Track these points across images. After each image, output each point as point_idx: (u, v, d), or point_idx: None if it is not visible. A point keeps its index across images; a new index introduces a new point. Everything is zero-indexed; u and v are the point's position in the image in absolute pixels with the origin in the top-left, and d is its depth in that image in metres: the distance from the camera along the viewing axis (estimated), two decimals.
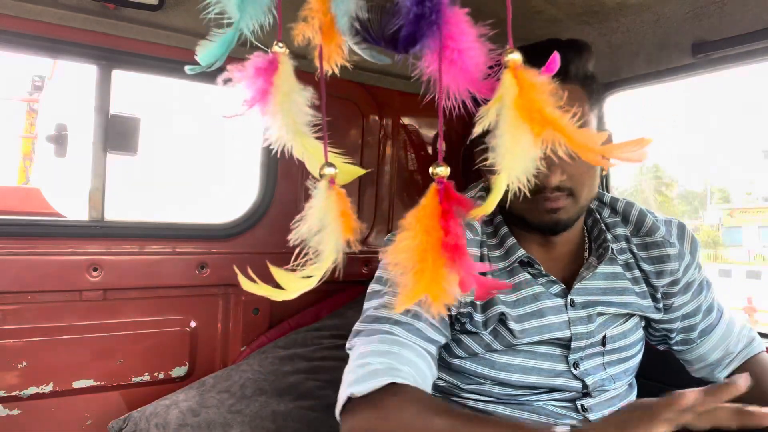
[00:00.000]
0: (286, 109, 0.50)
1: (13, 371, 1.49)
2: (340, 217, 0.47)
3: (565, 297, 1.06)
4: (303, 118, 0.51)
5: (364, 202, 2.06)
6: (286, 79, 0.50)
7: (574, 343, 1.05)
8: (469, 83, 0.42)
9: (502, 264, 1.06)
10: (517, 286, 1.06)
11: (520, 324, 1.03)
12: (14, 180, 7.00)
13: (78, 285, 1.55)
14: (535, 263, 1.06)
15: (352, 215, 0.48)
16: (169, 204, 4.24)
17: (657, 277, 1.11)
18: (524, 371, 1.04)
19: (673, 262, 1.11)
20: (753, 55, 1.34)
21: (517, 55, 0.41)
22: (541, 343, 1.05)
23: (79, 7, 1.45)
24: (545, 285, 1.07)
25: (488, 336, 1.03)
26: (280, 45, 0.51)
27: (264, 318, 1.84)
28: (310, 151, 0.53)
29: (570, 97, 0.95)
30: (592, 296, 1.08)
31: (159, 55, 1.61)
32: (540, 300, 1.05)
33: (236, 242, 1.78)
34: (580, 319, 1.06)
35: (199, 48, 0.54)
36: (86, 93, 1.71)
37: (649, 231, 1.13)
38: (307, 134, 0.52)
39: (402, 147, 2.15)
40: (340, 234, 0.47)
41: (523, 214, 1.02)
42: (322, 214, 0.47)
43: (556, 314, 1.05)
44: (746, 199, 37.59)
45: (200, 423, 1.45)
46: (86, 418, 1.59)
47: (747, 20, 1.28)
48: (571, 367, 1.06)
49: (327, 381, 1.61)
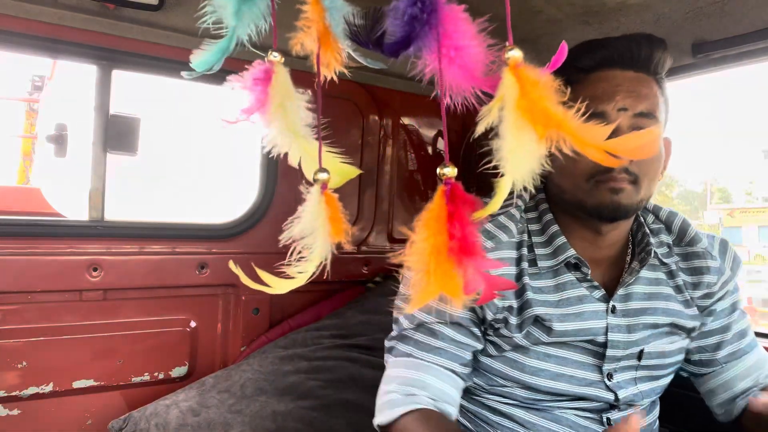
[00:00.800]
0: (281, 116, 0.52)
1: (13, 371, 1.49)
2: (330, 221, 0.50)
3: (606, 302, 1.04)
4: (301, 122, 0.54)
5: (364, 202, 2.06)
6: (280, 88, 0.52)
7: (610, 351, 1.03)
8: (471, 80, 0.41)
9: (549, 262, 1.03)
10: (561, 286, 1.03)
11: (561, 323, 1.01)
12: (14, 180, 6.99)
13: (78, 285, 1.55)
14: (583, 266, 1.03)
15: (343, 219, 0.51)
16: (173, 198, 4.24)
17: (693, 288, 1.09)
18: (554, 377, 1.02)
19: (712, 274, 1.08)
20: (753, 55, 1.34)
21: (518, 53, 0.40)
22: (575, 349, 1.03)
23: (79, 7, 1.45)
24: (588, 288, 1.04)
25: (519, 336, 1.02)
26: (275, 54, 0.53)
27: (264, 318, 1.84)
28: (308, 153, 0.54)
29: (648, 90, 0.95)
30: (635, 302, 1.05)
31: (159, 55, 1.61)
32: (584, 302, 1.03)
33: (236, 242, 1.78)
34: (618, 326, 1.03)
35: (194, 56, 0.56)
36: (86, 93, 1.71)
37: (691, 241, 1.10)
38: (305, 137, 0.54)
39: (402, 147, 2.15)
40: (328, 237, 0.50)
41: (583, 197, 0.98)
42: (312, 218, 0.50)
43: (596, 319, 1.03)
44: (746, 199, 37.61)
45: (200, 423, 1.45)
46: (86, 418, 1.59)
47: (747, 20, 1.28)
48: (605, 377, 1.03)
49: (327, 381, 1.61)
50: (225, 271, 1.75)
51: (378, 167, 2.08)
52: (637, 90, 0.96)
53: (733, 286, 1.13)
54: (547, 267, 1.03)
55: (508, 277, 1.00)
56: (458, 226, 0.42)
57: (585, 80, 0.98)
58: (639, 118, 0.94)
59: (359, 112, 2.02)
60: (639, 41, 0.96)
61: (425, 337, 1.01)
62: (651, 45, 0.97)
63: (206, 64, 0.56)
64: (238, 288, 1.79)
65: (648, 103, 0.96)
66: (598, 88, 0.96)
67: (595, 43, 0.99)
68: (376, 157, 2.07)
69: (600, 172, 0.94)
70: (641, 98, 0.95)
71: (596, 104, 0.95)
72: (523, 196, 1.06)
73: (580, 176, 0.96)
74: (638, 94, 0.95)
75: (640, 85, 0.96)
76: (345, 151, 0.57)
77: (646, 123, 0.94)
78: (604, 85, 0.96)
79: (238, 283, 1.78)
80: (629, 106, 0.94)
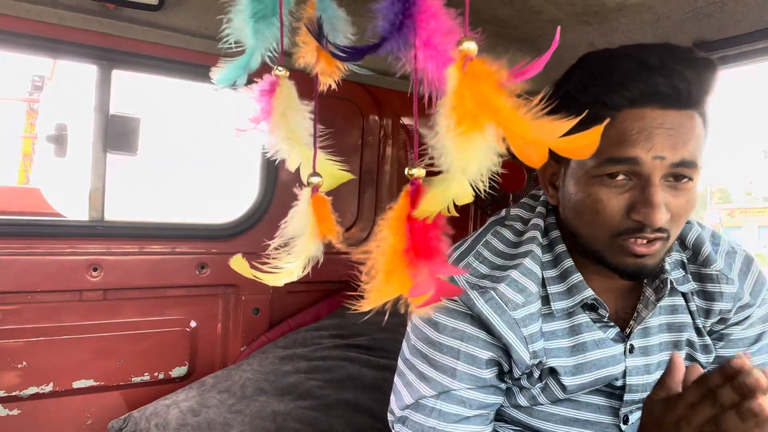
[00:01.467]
0: (283, 125, 0.57)
1: (13, 371, 1.49)
2: (319, 221, 0.52)
3: (623, 342, 0.92)
4: (302, 130, 0.58)
5: (364, 202, 2.06)
6: (284, 99, 0.58)
7: (628, 395, 0.93)
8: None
9: (564, 304, 0.90)
10: (576, 329, 0.90)
11: (576, 377, 0.89)
12: (14, 180, 6.99)
13: (78, 285, 1.55)
14: (601, 307, 0.90)
15: (332, 219, 0.53)
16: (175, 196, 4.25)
17: (705, 316, 0.97)
18: (567, 422, 0.93)
19: (725, 301, 0.95)
20: (753, 55, 1.34)
21: (472, 45, 0.38)
22: (589, 392, 0.93)
23: (79, 7, 1.45)
24: (602, 329, 0.92)
25: (536, 389, 0.91)
26: (280, 69, 0.58)
27: (264, 318, 1.84)
28: (307, 159, 0.58)
29: (692, 131, 0.78)
30: (653, 337, 0.94)
31: (159, 55, 1.61)
32: (601, 347, 0.90)
33: (236, 242, 1.78)
34: (637, 368, 0.93)
35: (214, 72, 0.61)
36: (86, 93, 1.71)
37: (705, 261, 0.96)
38: (305, 144, 0.58)
39: (402, 147, 2.15)
40: (317, 237, 0.52)
41: (604, 253, 0.84)
42: (302, 218, 0.52)
43: (614, 364, 0.91)
44: (746, 199, 37.59)
45: (200, 423, 1.45)
46: (86, 418, 1.59)
47: (747, 20, 1.28)
48: (621, 421, 0.94)
49: (327, 381, 1.61)
50: (225, 271, 1.74)
51: (378, 167, 2.08)
52: (677, 134, 0.77)
53: (761, 315, 0.99)
54: (561, 309, 0.90)
55: (535, 334, 0.88)
56: (418, 228, 0.41)
57: (614, 118, 0.78)
58: (677, 168, 0.78)
59: (359, 112, 2.02)
60: (684, 75, 0.76)
61: (443, 404, 0.87)
62: (699, 71, 0.78)
63: (228, 80, 0.61)
64: (238, 288, 1.79)
65: (690, 149, 0.78)
66: (630, 129, 0.78)
67: (629, 73, 0.78)
68: (376, 157, 2.07)
69: (625, 231, 0.80)
70: (683, 144, 0.77)
71: (626, 148, 0.78)
72: (539, 225, 0.94)
73: (603, 230, 0.82)
74: (679, 139, 0.77)
75: (683, 128, 0.78)
76: (345, 151, 0.59)
77: (685, 173, 0.78)
78: (639, 125, 0.77)
79: (238, 283, 1.78)
80: (668, 154, 0.77)
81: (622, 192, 0.80)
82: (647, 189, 0.78)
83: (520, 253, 0.90)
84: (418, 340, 0.91)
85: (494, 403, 0.90)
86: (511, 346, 0.85)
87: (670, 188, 0.80)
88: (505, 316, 0.85)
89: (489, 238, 0.94)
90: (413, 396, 0.89)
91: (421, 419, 0.87)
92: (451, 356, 0.86)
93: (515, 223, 0.96)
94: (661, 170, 0.78)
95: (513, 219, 0.97)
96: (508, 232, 0.95)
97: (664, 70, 0.77)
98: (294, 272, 0.52)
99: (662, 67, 0.77)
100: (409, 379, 0.91)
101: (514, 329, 0.85)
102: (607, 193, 0.80)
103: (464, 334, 0.86)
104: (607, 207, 0.80)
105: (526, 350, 0.86)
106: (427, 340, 0.89)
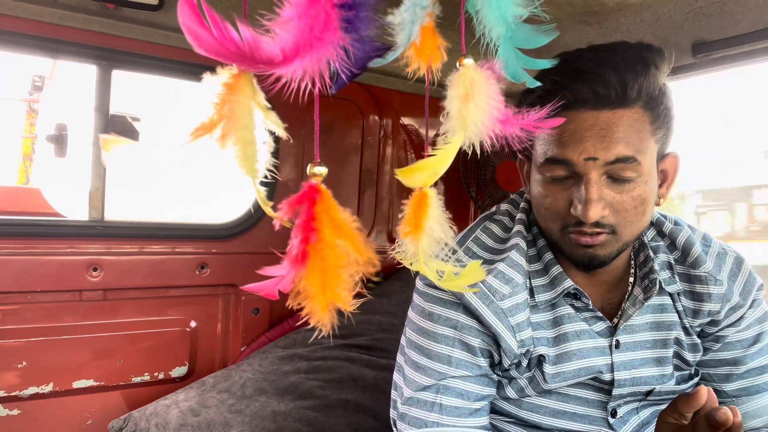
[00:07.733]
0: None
1: (13, 371, 1.49)
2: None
3: (609, 337, 0.95)
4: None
5: (364, 202, 2.06)
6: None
7: (617, 390, 0.94)
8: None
9: (548, 296, 0.93)
10: (558, 320, 0.94)
11: (557, 366, 0.92)
12: (14, 180, 6.99)
13: (78, 285, 1.55)
14: (582, 296, 0.93)
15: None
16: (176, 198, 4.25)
17: (693, 317, 0.97)
18: (555, 414, 0.94)
19: (713, 302, 0.96)
20: (753, 55, 1.34)
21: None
22: (577, 386, 0.95)
23: (79, 7, 1.45)
24: (588, 321, 0.94)
25: (524, 380, 0.94)
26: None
27: (264, 318, 1.84)
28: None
29: (627, 128, 0.80)
30: (640, 334, 0.96)
31: (159, 55, 1.61)
32: (582, 338, 0.93)
33: (236, 242, 1.78)
34: (624, 364, 0.94)
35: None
36: (86, 93, 1.70)
37: (694, 262, 0.97)
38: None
39: (402, 147, 2.15)
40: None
41: (559, 243, 0.90)
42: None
43: (598, 356, 0.93)
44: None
45: (200, 423, 1.45)
46: (86, 418, 1.59)
47: (747, 20, 1.28)
48: (608, 415, 0.95)
49: (327, 381, 1.61)
50: (225, 271, 1.75)
51: (378, 167, 2.08)
52: (610, 133, 0.80)
53: (757, 317, 0.99)
54: (544, 300, 0.93)
55: (522, 323, 0.91)
56: (302, 229, 0.40)
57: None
58: (613, 165, 0.81)
59: (359, 112, 2.02)
60: (606, 79, 0.79)
61: (442, 397, 0.88)
62: (625, 74, 0.80)
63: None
64: (238, 288, 1.78)
65: (625, 145, 0.80)
66: (564, 131, 0.82)
67: (562, 79, 0.82)
68: (376, 157, 2.07)
69: (570, 225, 0.85)
70: (616, 142, 0.80)
71: (560, 150, 0.82)
72: (523, 219, 0.98)
73: (555, 223, 0.88)
74: (611, 138, 0.80)
75: (617, 126, 0.80)
76: (345, 151, 0.58)
77: (623, 170, 0.81)
78: (571, 127, 0.81)
79: (238, 283, 1.78)
80: (600, 155, 0.80)
81: (565, 189, 0.85)
82: (582, 187, 0.82)
83: (506, 248, 0.94)
84: (414, 333, 0.94)
85: (489, 395, 0.93)
86: (499, 335, 0.89)
87: (612, 184, 0.83)
88: (493, 306, 0.89)
89: (478, 234, 0.99)
90: (412, 388, 0.91)
91: (423, 414, 0.89)
92: (446, 344, 0.90)
93: (504, 218, 1.01)
94: (595, 169, 0.82)
95: (502, 214, 1.02)
96: (496, 228, 1.00)
97: (586, 74, 0.80)
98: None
99: (591, 72, 0.80)
100: (406, 372, 0.93)
101: (501, 318, 0.89)
102: (552, 189, 0.87)
103: (458, 323, 0.90)
104: (553, 203, 0.87)
105: (514, 339, 0.90)
106: (422, 331, 0.92)
